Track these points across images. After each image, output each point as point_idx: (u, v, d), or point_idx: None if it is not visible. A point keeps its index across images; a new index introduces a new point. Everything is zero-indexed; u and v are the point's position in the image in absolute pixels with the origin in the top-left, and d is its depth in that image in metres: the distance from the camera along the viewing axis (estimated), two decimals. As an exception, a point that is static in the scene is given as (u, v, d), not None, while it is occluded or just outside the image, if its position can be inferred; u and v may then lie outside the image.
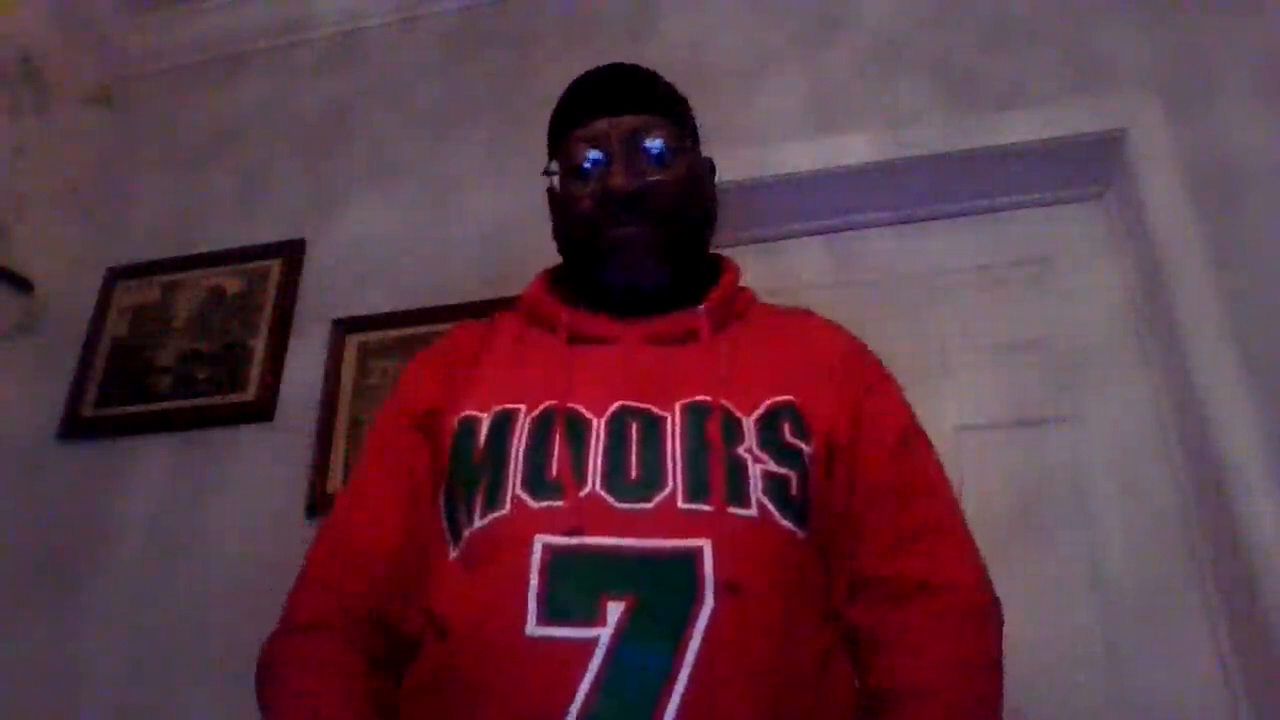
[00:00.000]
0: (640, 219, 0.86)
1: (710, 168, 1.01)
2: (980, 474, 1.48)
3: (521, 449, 0.76)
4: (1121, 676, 1.32)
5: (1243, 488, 1.27)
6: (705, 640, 0.66)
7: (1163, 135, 1.52)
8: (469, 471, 0.78)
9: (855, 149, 1.64)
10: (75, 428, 1.78)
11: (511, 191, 1.78)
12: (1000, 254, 1.65)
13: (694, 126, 0.99)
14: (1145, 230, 1.49)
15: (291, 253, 1.84)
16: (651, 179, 0.87)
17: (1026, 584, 1.40)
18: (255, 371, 1.73)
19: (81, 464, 1.75)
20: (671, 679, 0.64)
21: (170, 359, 1.80)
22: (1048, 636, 1.36)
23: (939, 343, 1.59)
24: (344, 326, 1.73)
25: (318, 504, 1.57)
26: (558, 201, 0.95)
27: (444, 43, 2.02)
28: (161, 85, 2.19)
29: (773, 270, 1.67)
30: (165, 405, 1.75)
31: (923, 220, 1.70)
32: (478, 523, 0.74)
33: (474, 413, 0.82)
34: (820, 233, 1.74)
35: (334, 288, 1.80)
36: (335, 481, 1.58)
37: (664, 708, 0.63)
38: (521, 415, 0.79)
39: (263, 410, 1.69)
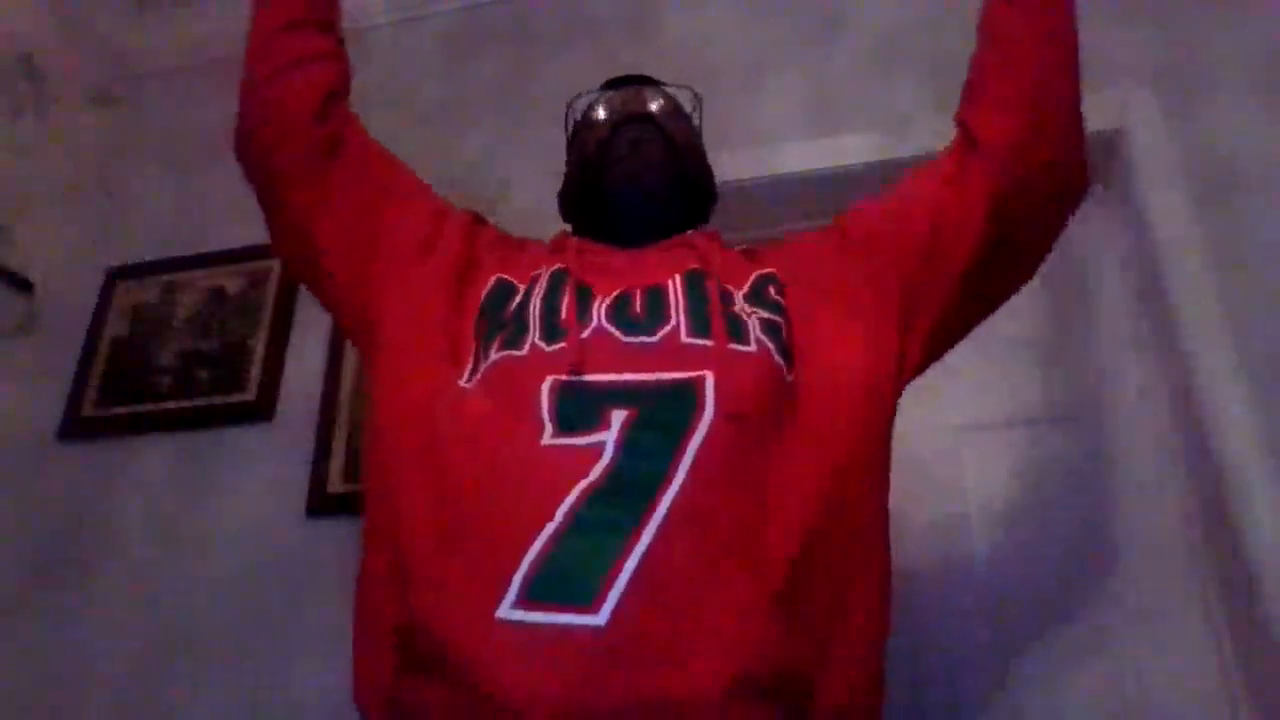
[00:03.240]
0: (651, 131, 0.96)
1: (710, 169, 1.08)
2: (981, 474, 1.48)
3: (540, 299, 0.83)
4: (1121, 676, 1.32)
5: (1243, 488, 1.27)
6: (705, 442, 0.70)
7: (1161, 134, 1.52)
8: (499, 320, 0.84)
9: (855, 149, 1.64)
10: (75, 428, 1.78)
11: (511, 192, 1.78)
12: (1000, 254, 1.65)
13: (699, 126, 1.07)
14: (1145, 230, 1.49)
15: (291, 253, 1.84)
16: (663, 113, 0.98)
17: (1026, 584, 1.40)
18: (255, 371, 1.73)
19: (81, 464, 1.75)
20: (674, 464, 0.68)
21: (170, 359, 1.80)
22: (1047, 637, 1.36)
23: (939, 343, 1.59)
24: (344, 326, 1.73)
25: (318, 504, 1.57)
26: (572, 142, 1.03)
27: (444, 42, 2.02)
28: (161, 85, 2.19)
29: (773, 270, 1.67)
30: (165, 405, 1.75)
31: (923, 220, 1.70)
32: (493, 356, 0.79)
33: (510, 279, 0.89)
34: (820, 233, 1.74)
35: (334, 288, 1.80)
36: (335, 481, 1.58)
37: (662, 492, 0.67)
38: (544, 272, 0.87)
39: (263, 410, 1.70)
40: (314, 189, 0.92)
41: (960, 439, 1.50)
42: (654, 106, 0.98)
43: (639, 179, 0.95)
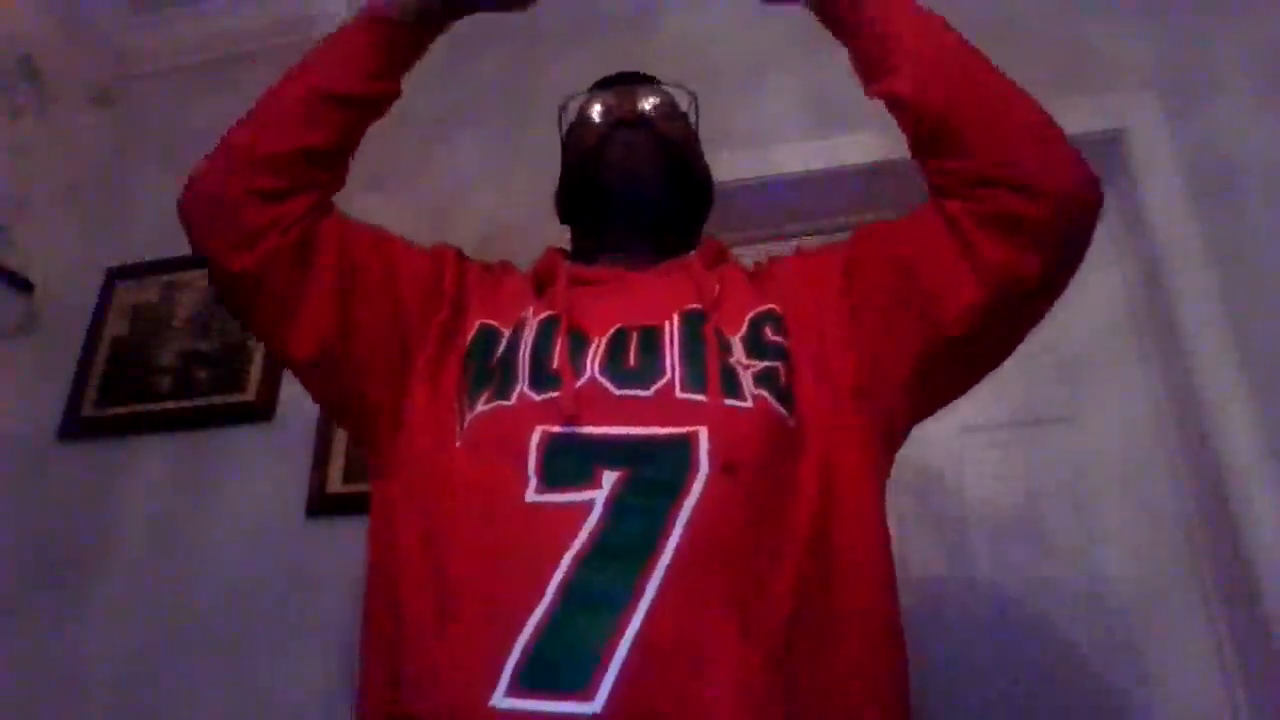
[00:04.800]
0: (643, 132, 0.93)
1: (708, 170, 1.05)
2: (980, 474, 1.48)
3: (529, 348, 0.80)
4: (1121, 677, 1.32)
5: (1243, 488, 1.28)
6: (700, 502, 0.68)
7: (1162, 135, 1.52)
8: (484, 371, 0.81)
9: (855, 149, 1.64)
10: (75, 428, 1.78)
11: (512, 193, 1.78)
12: (1000, 254, 1.65)
13: (695, 126, 1.04)
14: (1145, 230, 1.50)
15: (291, 253, 1.84)
16: (654, 112, 0.96)
17: (1026, 585, 1.40)
18: (255, 371, 1.73)
19: (81, 464, 1.75)
20: (666, 532, 0.66)
21: (170, 359, 1.80)
22: (1047, 637, 1.36)
23: (939, 343, 1.59)
24: (344, 326, 1.73)
25: (318, 505, 1.57)
26: (567, 142, 1.01)
27: (444, 43, 2.01)
28: (161, 85, 2.19)
29: (773, 270, 1.67)
30: (165, 405, 1.75)
31: (923, 220, 1.70)
32: (481, 408, 0.77)
33: (494, 324, 0.86)
34: (820, 233, 1.74)
35: (334, 288, 1.80)
36: (335, 482, 1.58)
37: (659, 557, 0.65)
38: (530, 316, 0.84)
39: (263, 410, 1.69)
40: (280, 302, 0.82)
41: (960, 439, 1.50)
42: (648, 107, 0.96)
43: (634, 184, 0.93)
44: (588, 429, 0.73)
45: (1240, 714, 1.27)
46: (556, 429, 0.73)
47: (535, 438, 0.72)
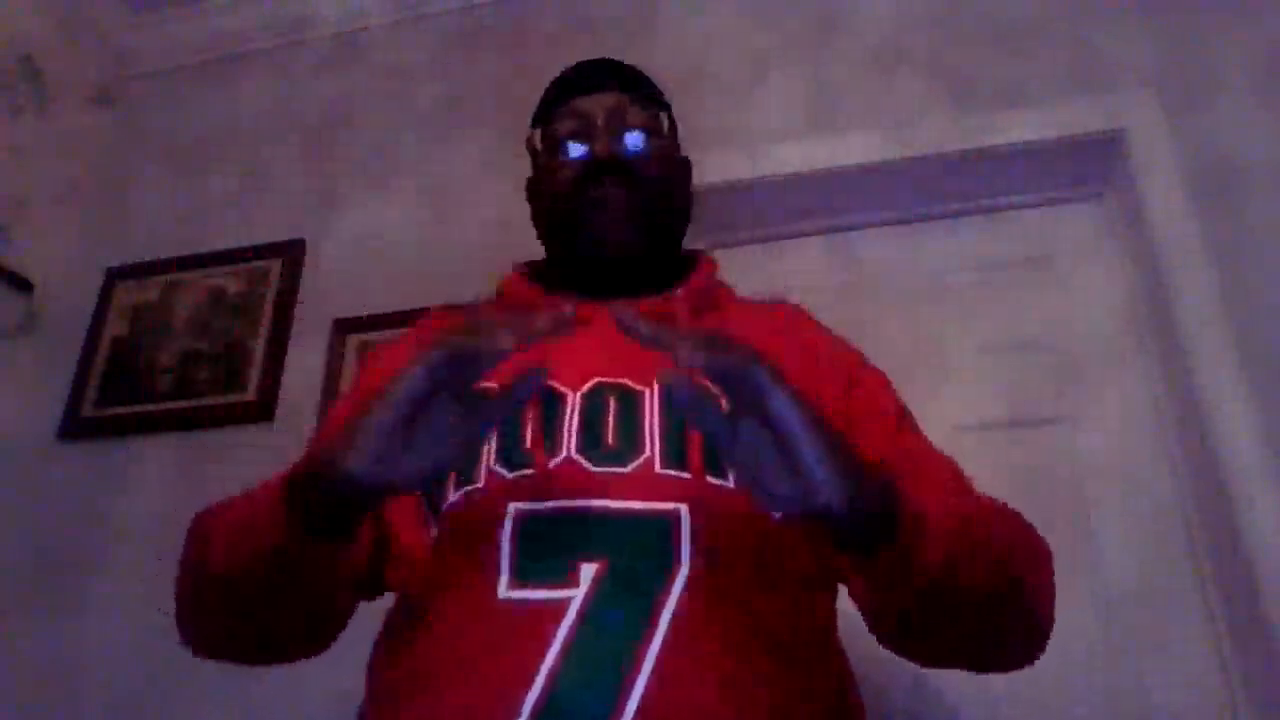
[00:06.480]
0: (620, 183, 0.86)
1: (688, 166, 1.00)
2: (980, 474, 1.47)
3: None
4: (1121, 677, 1.32)
5: (1243, 488, 1.27)
6: (680, 604, 0.64)
7: (1163, 135, 1.52)
8: None
9: (855, 149, 1.64)
10: (75, 428, 1.78)
11: (511, 191, 1.77)
12: (1000, 254, 1.65)
13: (675, 126, 0.99)
14: (1145, 230, 1.49)
15: (291, 253, 1.84)
16: (634, 148, 0.89)
17: (1026, 584, 1.40)
18: (255, 371, 1.73)
19: (81, 464, 1.75)
20: (645, 642, 0.63)
21: (170, 359, 1.80)
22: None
23: (939, 343, 1.59)
24: (344, 326, 1.73)
25: (318, 504, 1.57)
26: (539, 174, 0.95)
27: (444, 43, 2.02)
28: (161, 85, 2.19)
29: (772, 270, 1.67)
30: (165, 405, 1.75)
31: (923, 220, 1.71)
32: (452, 497, 0.74)
33: None
34: (820, 233, 1.74)
35: (334, 288, 1.80)
36: (335, 481, 1.58)
37: (637, 670, 0.61)
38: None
39: (263, 410, 1.69)
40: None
41: (960, 439, 1.50)
42: (628, 141, 0.89)
43: (613, 253, 0.87)
44: (563, 502, 0.69)
45: (1240, 714, 1.27)
46: (531, 506, 0.69)
47: (509, 519, 0.69)
